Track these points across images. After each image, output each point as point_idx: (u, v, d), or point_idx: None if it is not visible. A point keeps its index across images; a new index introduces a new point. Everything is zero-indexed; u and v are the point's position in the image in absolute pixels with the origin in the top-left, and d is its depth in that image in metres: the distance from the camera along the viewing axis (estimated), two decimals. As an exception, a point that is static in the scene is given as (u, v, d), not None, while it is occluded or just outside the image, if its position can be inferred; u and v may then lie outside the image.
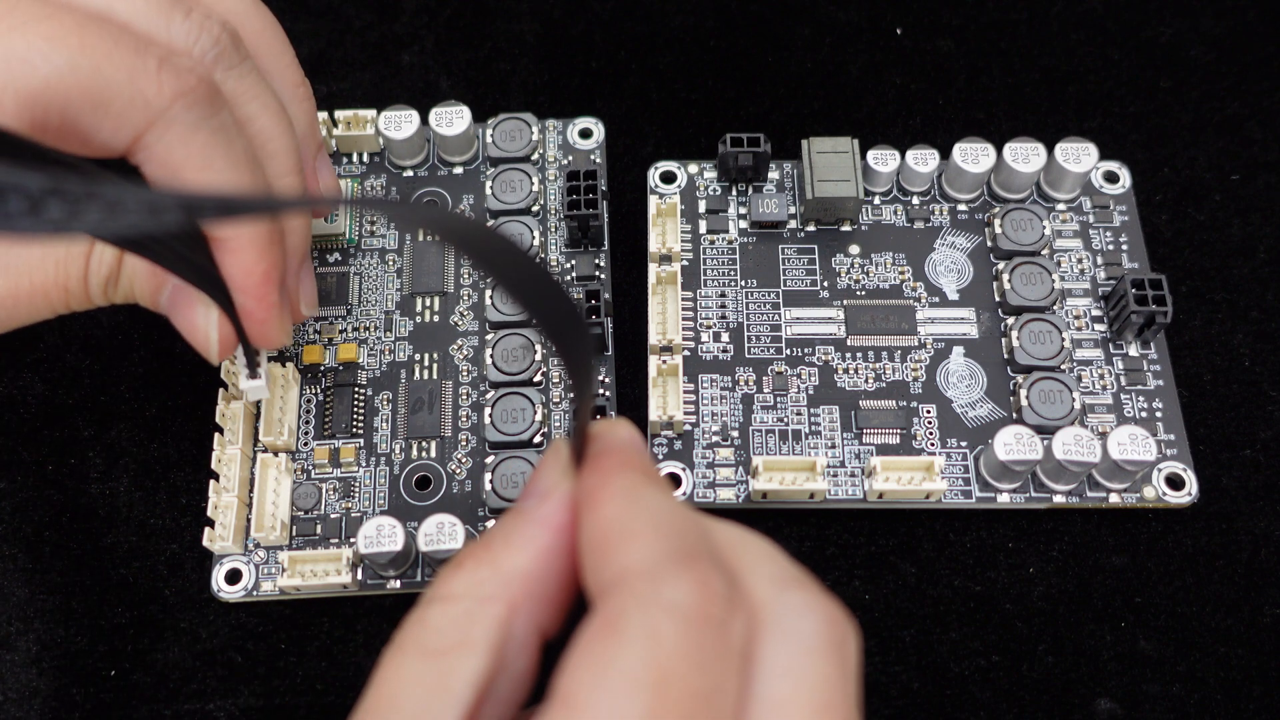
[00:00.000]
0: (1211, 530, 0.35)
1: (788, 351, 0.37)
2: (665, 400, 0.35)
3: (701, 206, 0.39)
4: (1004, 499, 0.35)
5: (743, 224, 0.39)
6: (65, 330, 0.35)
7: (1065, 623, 0.34)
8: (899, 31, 0.44)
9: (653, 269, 0.36)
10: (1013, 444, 0.33)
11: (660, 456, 0.35)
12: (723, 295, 0.38)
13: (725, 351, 0.37)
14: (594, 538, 0.20)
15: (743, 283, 0.38)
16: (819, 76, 0.43)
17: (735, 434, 0.36)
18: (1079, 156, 0.38)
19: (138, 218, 0.16)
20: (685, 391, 0.36)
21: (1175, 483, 0.35)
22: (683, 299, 0.37)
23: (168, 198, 0.16)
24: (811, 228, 0.39)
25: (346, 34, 0.44)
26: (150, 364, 0.38)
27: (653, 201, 0.38)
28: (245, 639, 0.34)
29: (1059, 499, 0.35)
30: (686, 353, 0.37)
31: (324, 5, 0.45)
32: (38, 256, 0.29)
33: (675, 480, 0.35)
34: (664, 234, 0.37)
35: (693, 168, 0.40)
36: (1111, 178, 0.39)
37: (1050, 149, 0.38)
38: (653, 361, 0.35)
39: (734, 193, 0.39)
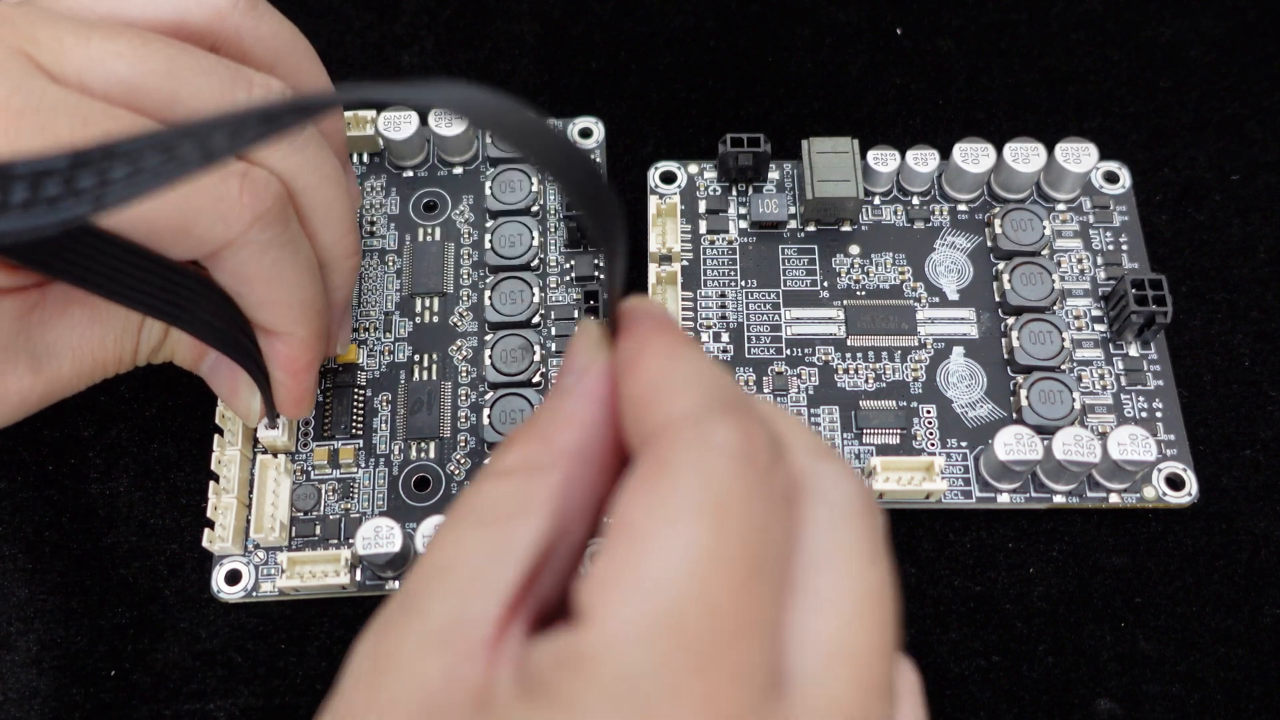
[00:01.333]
0: (1211, 530, 0.35)
1: (788, 352, 0.37)
2: None
3: (701, 206, 0.39)
4: (1004, 499, 0.35)
5: (743, 224, 0.39)
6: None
7: (1065, 623, 0.34)
8: (899, 31, 0.44)
9: (653, 269, 0.36)
10: (1013, 444, 0.33)
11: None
12: (723, 295, 0.38)
13: (725, 352, 0.37)
14: (637, 395, 0.20)
15: (743, 283, 0.38)
16: (819, 76, 0.43)
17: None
18: (1079, 157, 0.38)
19: (195, 156, 0.16)
20: None
21: (1175, 483, 0.35)
22: (683, 299, 0.37)
23: (215, 122, 0.16)
24: (811, 228, 0.39)
25: (346, 34, 0.44)
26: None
27: (653, 201, 0.38)
28: (245, 639, 0.34)
29: (1059, 499, 0.35)
30: None
31: (324, 5, 0.45)
32: (98, 337, 0.31)
33: None
34: (664, 234, 0.37)
35: (693, 168, 0.40)
36: (1111, 178, 0.39)
37: (1050, 149, 0.38)
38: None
39: (734, 193, 0.39)
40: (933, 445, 0.35)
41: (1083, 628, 0.34)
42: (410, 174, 0.40)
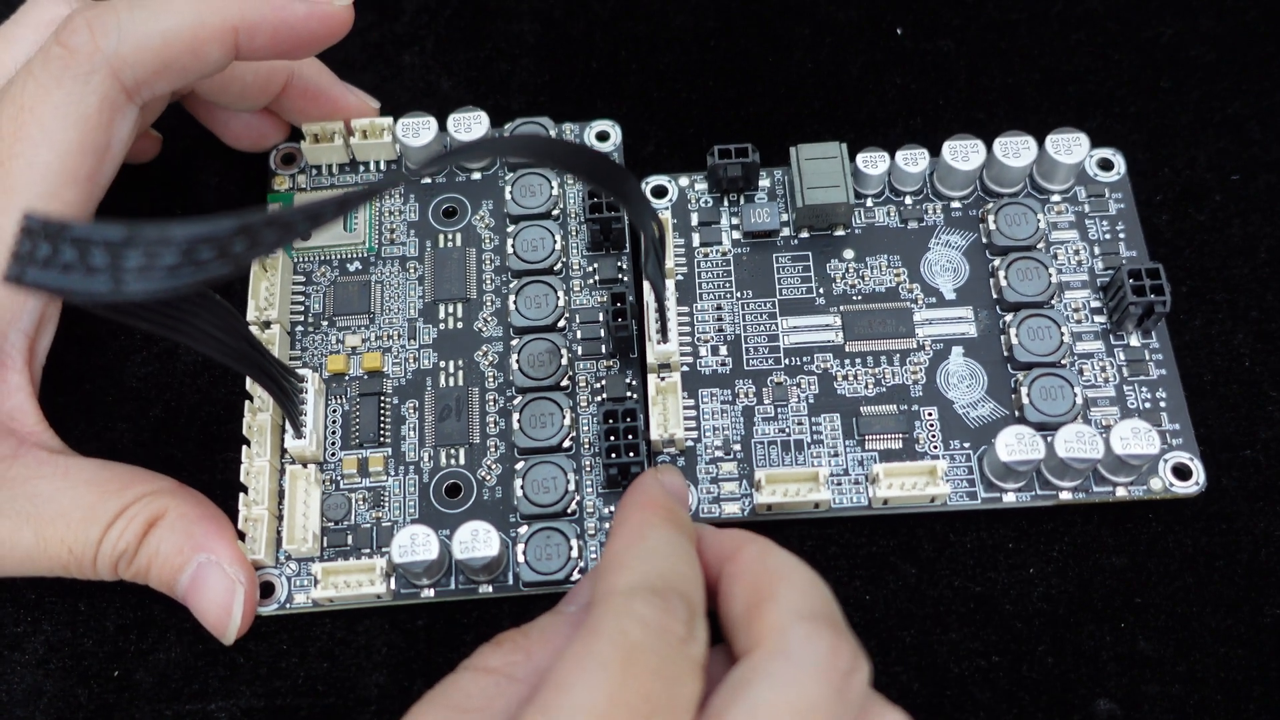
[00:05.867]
0: (1212, 530, 0.35)
1: (786, 361, 0.37)
2: (666, 418, 0.34)
3: (694, 219, 0.39)
4: (1010, 498, 0.35)
5: (736, 235, 0.39)
6: (65, 329, 0.35)
7: (1065, 623, 0.34)
8: (899, 31, 0.44)
9: (652, 380, 0.35)
10: (1014, 444, 0.33)
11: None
12: (719, 308, 0.37)
13: (724, 365, 0.37)
14: (598, 567, 0.24)
15: (738, 294, 0.38)
16: (819, 77, 0.43)
17: (738, 447, 0.35)
18: (1070, 147, 0.37)
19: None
20: (686, 407, 0.36)
21: (1182, 473, 0.35)
22: (679, 314, 0.37)
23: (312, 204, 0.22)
24: (805, 234, 0.39)
25: (347, 34, 0.44)
26: (152, 364, 0.38)
27: None
28: (247, 639, 0.34)
29: (1065, 495, 0.34)
30: (685, 368, 0.37)
31: (324, 5, 0.45)
32: (54, 510, 0.31)
33: None
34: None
35: (683, 180, 0.39)
36: (1106, 165, 0.39)
37: (1040, 141, 0.38)
38: (651, 380, 0.35)
39: (725, 204, 0.39)
40: (935, 448, 0.35)
41: (1083, 628, 0.34)
42: (429, 180, 0.40)
